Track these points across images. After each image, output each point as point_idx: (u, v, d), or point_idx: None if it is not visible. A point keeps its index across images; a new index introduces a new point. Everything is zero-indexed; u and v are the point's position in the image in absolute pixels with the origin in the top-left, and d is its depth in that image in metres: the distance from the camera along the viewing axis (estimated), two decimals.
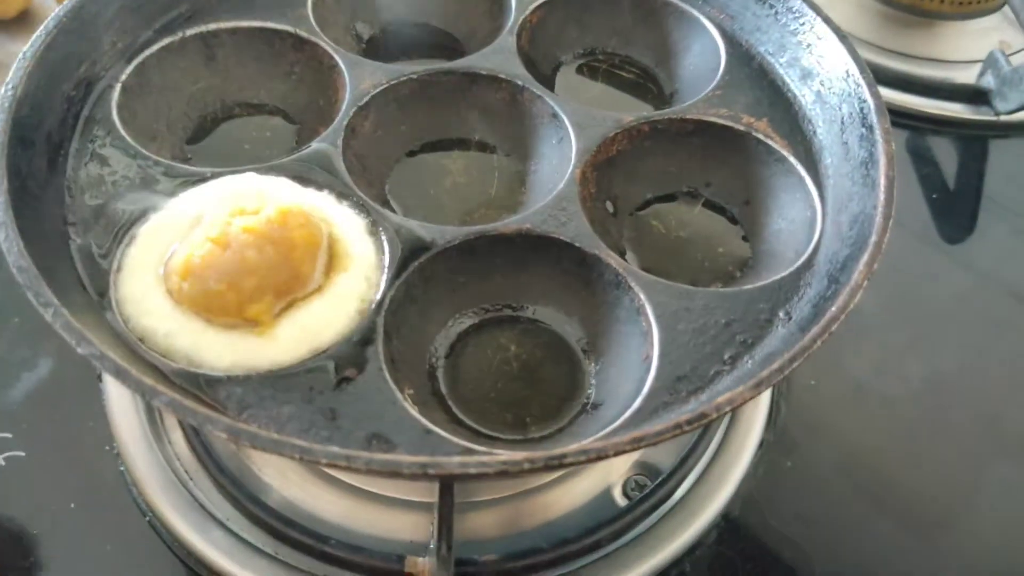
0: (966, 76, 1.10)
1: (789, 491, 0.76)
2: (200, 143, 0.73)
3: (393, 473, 0.47)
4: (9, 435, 0.75)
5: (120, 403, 0.75)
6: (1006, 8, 1.14)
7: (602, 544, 0.69)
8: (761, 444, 0.76)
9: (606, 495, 0.72)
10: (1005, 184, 1.04)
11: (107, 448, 0.74)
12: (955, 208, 1.02)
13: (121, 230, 0.62)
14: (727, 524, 0.73)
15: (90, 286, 0.60)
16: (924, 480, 0.78)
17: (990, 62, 1.05)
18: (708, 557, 0.72)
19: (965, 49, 1.14)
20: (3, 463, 0.74)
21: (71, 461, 0.74)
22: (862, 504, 0.76)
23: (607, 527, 0.69)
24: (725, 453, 0.75)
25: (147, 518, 0.70)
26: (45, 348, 0.80)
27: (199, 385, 0.56)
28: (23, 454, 0.74)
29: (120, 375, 0.50)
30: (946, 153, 1.06)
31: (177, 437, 0.74)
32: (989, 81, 1.05)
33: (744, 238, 0.71)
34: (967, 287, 0.96)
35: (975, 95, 1.07)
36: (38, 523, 0.70)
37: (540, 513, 0.72)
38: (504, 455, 0.48)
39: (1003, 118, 1.04)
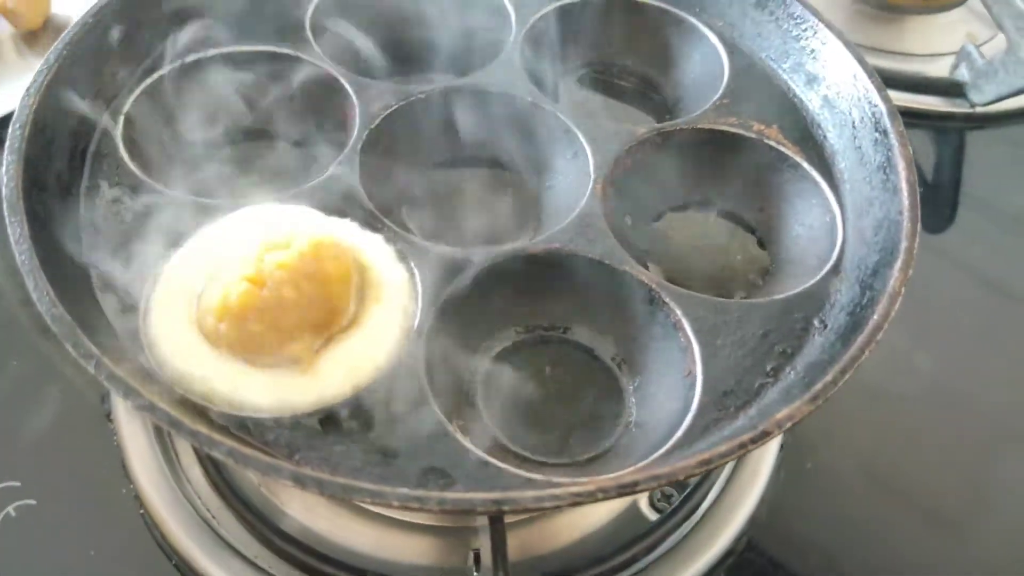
0: (936, 69, 1.12)
1: (811, 494, 0.77)
2: (207, 172, 0.71)
3: (467, 512, 0.46)
4: (17, 483, 0.72)
5: (133, 442, 0.73)
6: (971, 1, 1.17)
7: (637, 559, 0.69)
8: (781, 447, 0.77)
9: (634, 508, 0.72)
10: (983, 174, 1.07)
11: (123, 490, 0.72)
12: (935, 199, 1.04)
13: (144, 269, 0.60)
14: (755, 531, 0.74)
15: (120, 329, 0.58)
16: (942, 474, 0.79)
17: (963, 56, 1.07)
18: (740, 566, 0.72)
19: (934, 42, 1.16)
20: (13, 513, 0.71)
21: (86, 506, 0.72)
22: (883, 502, 0.77)
23: (640, 542, 0.69)
24: (748, 458, 0.75)
25: (173, 561, 0.68)
26: (47, 391, 0.77)
27: (246, 429, 0.54)
28: (34, 502, 0.71)
29: (174, 426, 0.48)
30: (923, 146, 1.08)
31: (196, 474, 0.72)
32: (963, 74, 1.07)
33: (761, 245, 0.72)
34: (954, 278, 0.98)
35: (949, 88, 1.09)
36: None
37: (570, 530, 0.71)
38: (575, 486, 0.48)
39: (979, 110, 1.07)
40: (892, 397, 0.85)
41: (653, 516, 0.72)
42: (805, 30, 0.75)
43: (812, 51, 0.74)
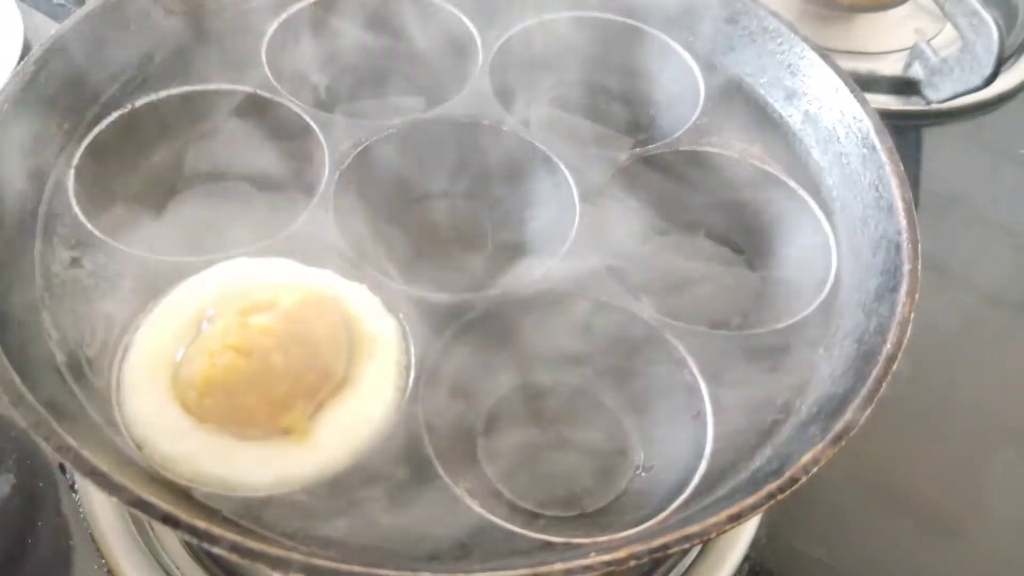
0: (888, 66, 1.12)
1: (808, 510, 0.76)
2: (170, 225, 0.66)
3: None
4: None
5: (102, 512, 0.69)
6: None
7: None
8: None
9: None
10: (941, 170, 1.07)
11: (95, 566, 0.67)
12: None
13: (112, 341, 0.56)
14: (757, 554, 0.72)
15: (92, 410, 0.53)
16: (934, 479, 0.79)
17: (917, 53, 1.07)
18: None
19: (884, 40, 1.16)
20: None
21: None
22: (879, 511, 0.77)
23: None
24: None
25: None
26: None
27: (241, 510, 0.50)
28: None
29: (170, 522, 0.44)
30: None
31: (171, 542, 0.68)
32: (918, 72, 1.07)
33: (751, 267, 0.70)
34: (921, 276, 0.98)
35: (904, 86, 1.09)
36: None
37: None
38: (605, 553, 0.45)
39: (934, 107, 1.07)
40: (877, 404, 0.84)
41: None
42: (780, 44, 0.73)
43: (789, 65, 0.72)
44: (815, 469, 0.49)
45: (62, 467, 0.71)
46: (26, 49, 0.94)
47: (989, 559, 0.76)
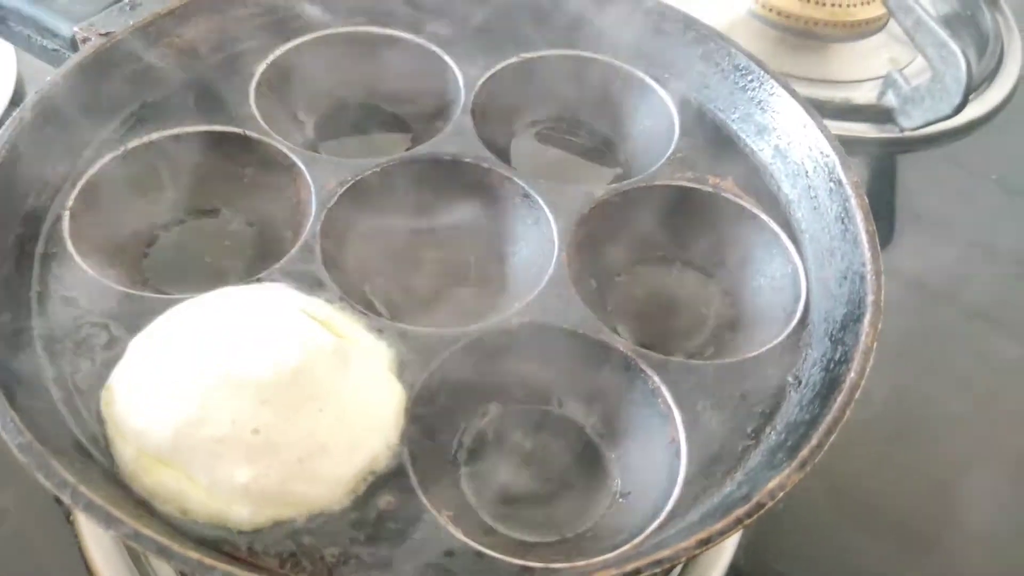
0: (862, 95, 1.15)
1: (787, 532, 0.78)
2: (158, 259, 0.69)
3: None
4: None
5: (98, 545, 0.71)
6: (890, 26, 1.21)
7: None
8: None
9: None
10: (917, 193, 1.11)
11: None
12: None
13: (102, 377, 0.58)
14: (736, 574, 0.74)
15: (88, 443, 0.55)
16: (910, 495, 0.81)
17: (890, 82, 1.10)
18: None
19: (858, 68, 1.20)
20: None
21: None
22: (858, 529, 0.79)
23: None
24: None
25: None
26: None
27: (234, 542, 0.52)
28: None
29: (163, 553, 0.46)
30: (857, 171, 1.10)
31: (167, 572, 0.70)
32: (891, 100, 1.10)
33: (725, 297, 0.72)
34: (896, 295, 1.00)
35: (878, 114, 1.12)
36: None
37: None
38: None
39: (907, 134, 1.10)
40: (851, 426, 0.86)
41: None
42: (751, 80, 0.76)
43: (759, 102, 0.75)
44: (781, 495, 0.51)
45: (57, 498, 0.73)
46: (20, 92, 0.96)
47: (962, 569, 0.78)
